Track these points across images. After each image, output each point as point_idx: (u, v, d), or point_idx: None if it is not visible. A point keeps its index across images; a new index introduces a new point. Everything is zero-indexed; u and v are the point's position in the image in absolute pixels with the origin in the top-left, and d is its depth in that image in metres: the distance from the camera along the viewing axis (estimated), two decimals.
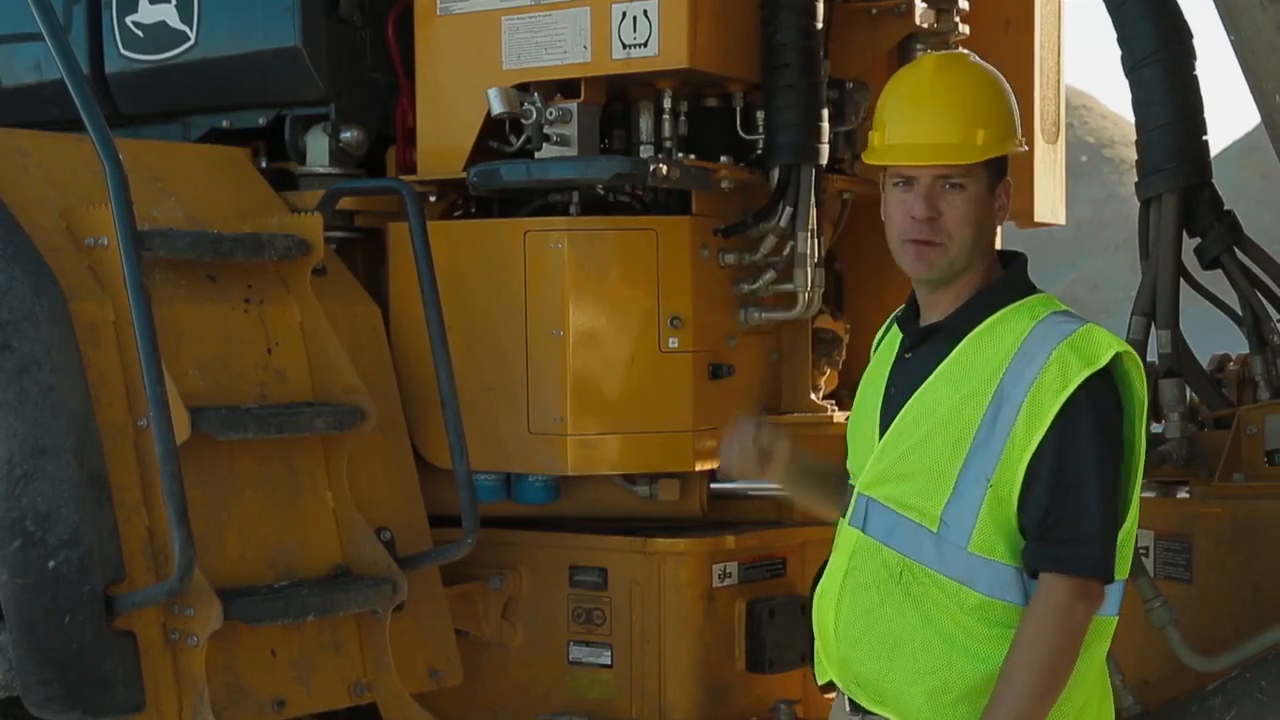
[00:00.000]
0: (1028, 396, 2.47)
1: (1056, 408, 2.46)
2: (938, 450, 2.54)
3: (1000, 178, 2.64)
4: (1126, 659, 3.45)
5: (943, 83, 2.65)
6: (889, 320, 2.83)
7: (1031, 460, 2.47)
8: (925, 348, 2.64)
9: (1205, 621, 3.46)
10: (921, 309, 2.69)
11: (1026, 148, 2.70)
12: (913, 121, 2.62)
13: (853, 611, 2.61)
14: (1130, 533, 2.58)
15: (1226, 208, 3.75)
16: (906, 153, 2.60)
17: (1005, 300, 2.60)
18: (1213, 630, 3.43)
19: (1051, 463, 2.47)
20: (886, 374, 2.70)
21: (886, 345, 2.77)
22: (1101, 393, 2.50)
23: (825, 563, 2.79)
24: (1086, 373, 2.47)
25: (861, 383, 2.78)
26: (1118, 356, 2.52)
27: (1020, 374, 2.49)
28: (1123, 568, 2.57)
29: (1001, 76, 2.71)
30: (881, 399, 2.68)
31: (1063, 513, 2.46)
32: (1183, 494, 3.65)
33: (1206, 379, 3.77)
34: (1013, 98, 2.68)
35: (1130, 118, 3.70)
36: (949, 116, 2.60)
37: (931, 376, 2.59)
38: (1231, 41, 3.00)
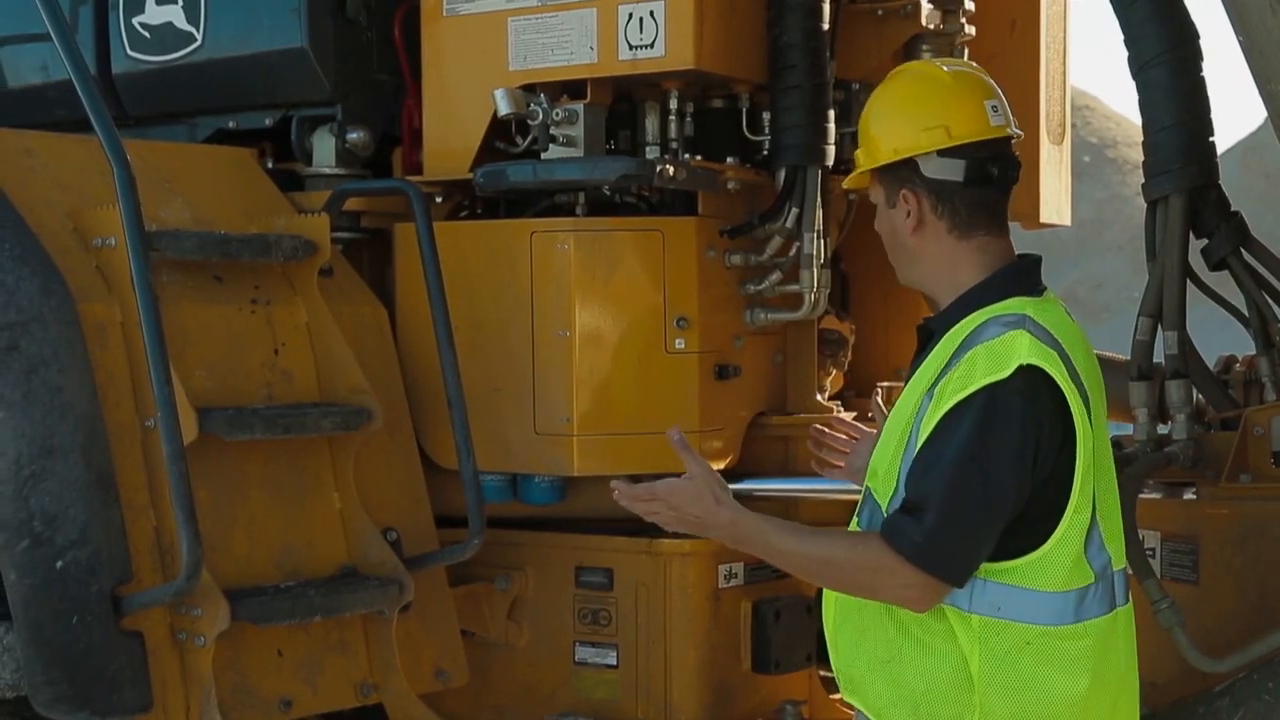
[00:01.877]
0: (935, 391, 2.54)
1: (950, 405, 2.50)
2: (891, 448, 2.62)
3: (899, 187, 2.69)
4: None
5: (868, 105, 2.80)
6: None
7: (920, 446, 2.53)
8: (923, 351, 2.72)
9: (1212, 623, 3.46)
10: None
11: (905, 156, 2.67)
12: None
13: (838, 601, 2.71)
14: (1054, 548, 2.55)
15: (1233, 208, 3.75)
16: None
17: (982, 303, 2.63)
18: (1219, 632, 3.43)
19: (924, 449, 2.52)
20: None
21: None
22: (1003, 402, 2.49)
23: None
24: (986, 381, 2.49)
25: None
26: (1024, 370, 2.49)
27: (945, 372, 2.55)
28: (1045, 578, 2.54)
29: (929, 79, 2.75)
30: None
31: (913, 491, 2.51)
32: (1189, 495, 3.65)
33: (1213, 380, 3.77)
34: (923, 100, 2.69)
35: (1133, 118, 3.73)
36: (860, 137, 2.78)
37: (911, 379, 2.68)
38: (1240, 43, 2.99)
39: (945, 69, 2.80)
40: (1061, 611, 2.57)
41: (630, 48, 3.82)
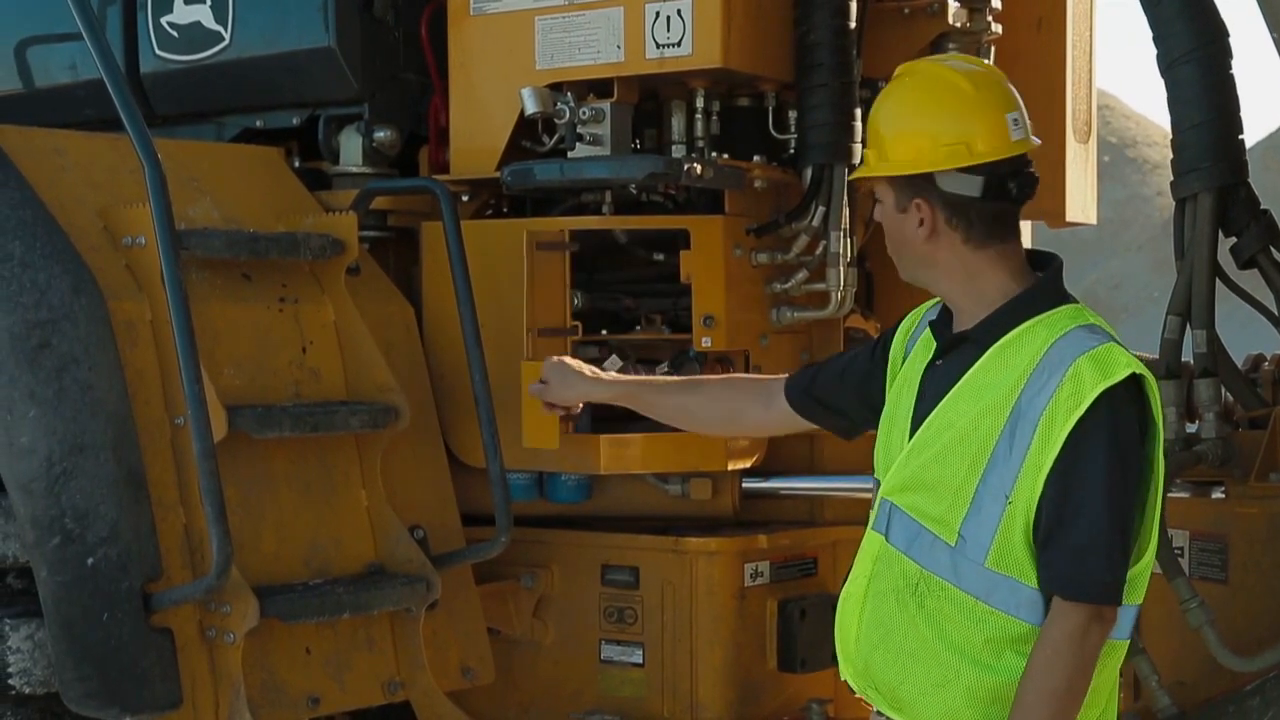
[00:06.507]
0: (1044, 414, 2.44)
1: (1070, 425, 2.43)
2: (956, 463, 2.52)
3: (912, 196, 2.58)
4: (1162, 659, 3.44)
5: (878, 102, 2.69)
6: (915, 321, 2.80)
7: (1046, 478, 2.45)
8: (954, 356, 2.61)
9: (1241, 622, 3.46)
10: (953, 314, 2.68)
11: (923, 171, 2.57)
12: None
13: (873, 618, 2.61)
14: (1148, 561, 2.55)
15: (1263, 207, 3.73)
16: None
17: (1033, 311, 2.55)
18: (1249, 630, 3.42)
19: (1061, 481, 2.44)
20: (919, 379, 2.68)
21: (922, 347, 2.73)
22: (1119, 412, 2.45)
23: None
24: (1102, 387, 2.43)
25: (894, 386, 2.76)
26: (1135, 378, 2.47)
27: (1038, 390, 2.46)
28: (1136, 593, 2.54)
29: (950, 87, 2.59)
30: (914, 404, 2.66)
31: (1070, 535, 2.43)
32: (1218, 494, 3.64)
33: (1242, 379, 3.75)
34: (944, 111, 2.56)
35: (1153, 118, 3.73)
36: (870, 136, 2.67)
37: (956, 387, 2.56)
38: (1275, 39, 2.99)
39: (965, 75, 2.61)
40: (1131, 623, 2.56)
41: (657, 46, 3.82)
